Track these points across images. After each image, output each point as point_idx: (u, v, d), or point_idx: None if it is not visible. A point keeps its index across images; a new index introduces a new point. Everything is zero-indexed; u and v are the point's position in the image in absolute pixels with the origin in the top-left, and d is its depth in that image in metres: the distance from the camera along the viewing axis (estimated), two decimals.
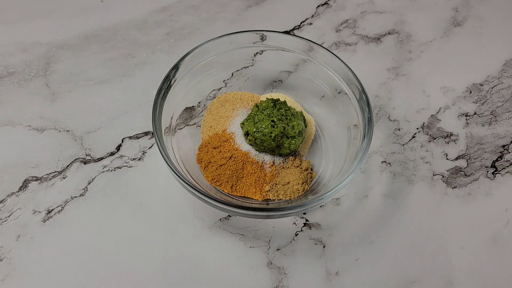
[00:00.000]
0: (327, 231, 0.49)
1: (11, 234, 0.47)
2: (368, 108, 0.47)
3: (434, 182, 0.52)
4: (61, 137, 0.54)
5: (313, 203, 0.43)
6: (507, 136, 0.56)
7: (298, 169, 0.49)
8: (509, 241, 0.49)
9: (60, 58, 0.60)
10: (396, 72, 0.61)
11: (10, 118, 0.55)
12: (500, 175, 0.53)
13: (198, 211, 0.49)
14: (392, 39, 0.65)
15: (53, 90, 0.57)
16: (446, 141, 0.55)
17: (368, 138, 0.45)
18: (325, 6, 0.68)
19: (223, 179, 0.48)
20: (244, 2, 0.67)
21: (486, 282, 0.47)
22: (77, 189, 0.50)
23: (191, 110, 0.54)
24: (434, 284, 0.46)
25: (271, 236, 0.48)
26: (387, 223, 0.49)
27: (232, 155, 0.50)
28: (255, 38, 0.53)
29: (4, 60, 0.59)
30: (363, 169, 0.53)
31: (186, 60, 0.50)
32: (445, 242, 0.49)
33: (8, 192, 0.50)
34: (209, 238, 0.48)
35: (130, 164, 0.52)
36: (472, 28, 0.66)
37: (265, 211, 0.44)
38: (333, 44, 0.63)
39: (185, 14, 0.65)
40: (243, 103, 0.54)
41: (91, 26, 0.63)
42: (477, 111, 0.58)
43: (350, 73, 0.50)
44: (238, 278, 0.46)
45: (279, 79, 0.57)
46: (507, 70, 0.62)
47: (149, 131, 0.54)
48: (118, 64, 0.60)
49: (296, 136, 0.49)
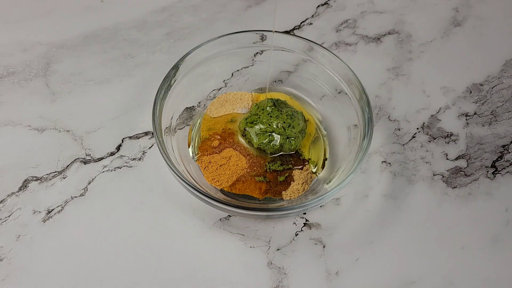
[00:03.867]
0: (327, 231, 0.49)
1: (11, 234, 0.47)
2: (368, 108, 0.47)
3: (434, 182, 0.52)
4: (61, 137, 0.53)
5: (313, 203, 0.43)
6: (507, 136, 0.56)
7: (298, 169, 0.50)
8: (509, 241, 0.49)
9: (60, 58, 0.60)
10: (396, 72, 0.61)
11: (10, 118, 0.55)
12: (500, 175, 0.53)
13: (198, 211, 0.49)
14: (392, 39, 0.64)
15: (53, 90, 0.57)
16: (446, 141, 0.55)
17: (368, 138, 0.46)
18: (325, 6, 0.68)
19: (223, 179, 0.48)
20: (244, 2, 0.67)
21: (486, 282, 0.47)
22: (77, 189, 0.50)
23: (191, 110, 0.54)
24: (434, 284, 0.46)
25: (271, 236, 0.48)
26: (387, 223, 0.49)
27: (232, 155, 0.50)
28: (255, 38, 0.53)
29: (4, 60, 0.59)
30: (363, 169, 0.53)
31: (186, 60, 0.50)
32: (445, 242, 0.49)
33: (8, 192, 0.49)
34: (209, 238, 0.48)
35: (130, 164, 0.52)
36: (472, 28, 0.66)
37: (265, 211, 0.44)
38: (333, 44, 0.63)
39: (185, 14, 0.65)
40: (243, 103, 0.54)
41: (91, 26, 0.63)
42: (477, 111, 0.58)
43: (350, 73, 0.50)
44: (238, 278, 0.46)
45: (279, 79, 0.57)
46: (507, 70, 0.62)
47: (149, 131, 0.54)
48: (118, 64, 0.60)
49: (296, 136, 0.49)
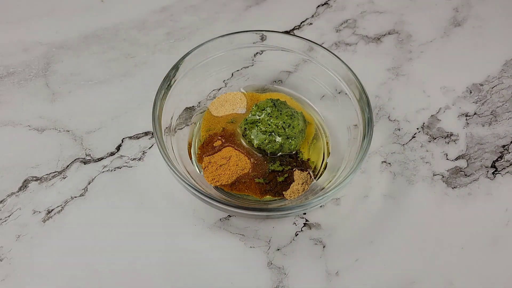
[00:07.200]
0: (327, 231, 0.49)
1: (11, 234, 0.47)
2: (368, 108, 0.47)
3: (434, 182, 0.52)
4: (61, 137, 0.54)
5: (313, 203, 0.43)
6: (507, 136, 0.56)
7: (298, 169, 0.50)
8: (509, 241, 0.49)
9: (60, 58, 0.60)
10: (396, 72, 0.61)
11: (10, 118, 0.55)
12: (500, 175, 0.53)
13: (198, 211, 0.49)
14: (392, 39, 0.64)
15: (53, 90, 0.57)
16: (446, 141, 0.55)
17: (368, 138, 0.46)
18: (325, 6, 0.68)
19: (223, 179, 0.48)
20: (244, 2, 0.67)
21: (486, 282, 0.47)
22: (77, 189, 0.50)
23: (191, 110, 0.54)
24: (434, 284, 0.46)
25: (271, 236, 0.48)
26: (387, 223, 0.49)
27: (232, 155, 0.50)
28: (255, 38, 0.53)
29: (4, 60, 0.59)
30: (363, 169, 0.53)
31: (186, 60, 0.50)
32: (445, 242, 0.49)
33: (8, 192, 0.50)
34: (209, 238, 0.48)
35: (130, 164, 0.52)
36: (472, 28, 0.66)
37: (265, 211, 0.44)
38: (333, 44, 0.63)
39: (185, 14, 0.65)
40: (243, 103, 0.54)
41: (91, 26, 0.63)
42: (477, 111, 0.58)
43: (350, 73, 0.50)
44: (238, 278, 0.46)
45: (279, 79, 0.57)
46: (507, 70, 0.62)
47: (149, 131, 0.54)
48: (118, 64, 0.60)
49: (296, 136, 0.49)
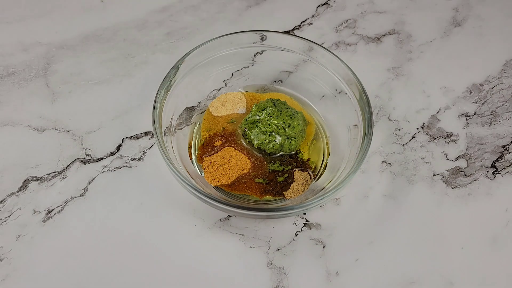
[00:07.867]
0: (327, 231, 0.49)
1: (11, 234, 0.47)
2: (368, 108, 0.47)
3: (434, 182, 0.52)
4: (61, 137, 0.54)
5: (313, 203, 0.43)
6: (507, 136, 0.56)
7: (298, 169, 0.50)
8: (509, 241, 0.49)
9: (60, 58, 0.60)
10: (396, 72, 0.61)
11: (10, 118, 0.55)
12: (500, 175, 0.53)
13: (198, 211, 0.49)
14: (392, 39, 0.64)
15: (53, 90, 0.57)
16: (446, 141, 0.55)
17: (368, 138, 0.46)
18: (325, 6, 0.68)
19: (223, 179, 0.48)
20: (244, 2, 0.67)
21: (486, 282, 0.47)
22: (77, 189, 0.50)
23: (191, 110, 0.54)
24: (434, 284, 0.46)
25: (271, 236, 0.48)
26: (387, 223, 0.49)
27: (232, 155, 0.50)
28: (255, 38, 0.53)
29: (4, 60, 0.59)
30: (363, 169, 0.53)
31: (186, 60, 0.50)
32: (445, 242, 0.49)
33: (8, 192, 0.50)
34: (209, 238, 0.48)
35: (130, 164, 0.52)
36: (472, 28, 0.66)
37: (265, 211, 0.44)
38: (333, 44, 0.63)
39: (185, 14, 0.65)
40: (243, 103, 0.54)
41: (91, 26, 0.63)
42: (477, 111, 0.58)
43: (350, 73, 0.50)
44: (238, 278, 0.46)
45: (279, 79, 0.57)
46: (507, 70, 0.62)
47: (149, 131, 0.54)
48: (118, 64, 0.60)
49: (296, 136, 0.49)
